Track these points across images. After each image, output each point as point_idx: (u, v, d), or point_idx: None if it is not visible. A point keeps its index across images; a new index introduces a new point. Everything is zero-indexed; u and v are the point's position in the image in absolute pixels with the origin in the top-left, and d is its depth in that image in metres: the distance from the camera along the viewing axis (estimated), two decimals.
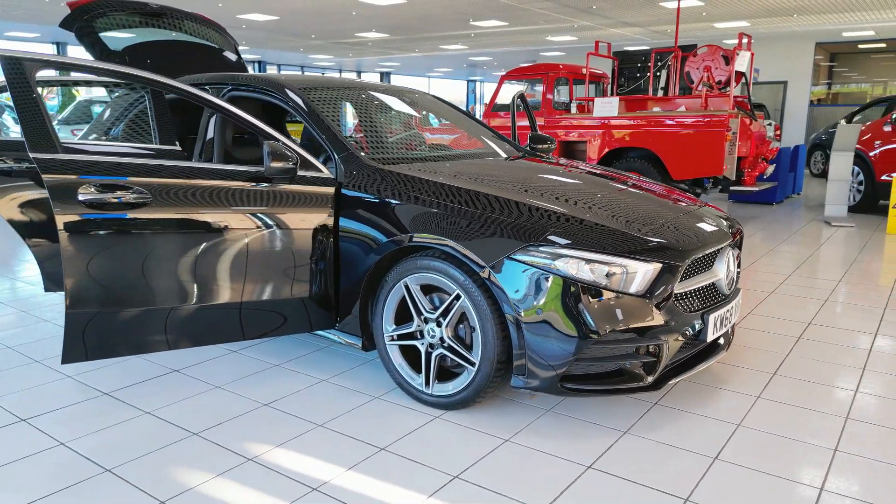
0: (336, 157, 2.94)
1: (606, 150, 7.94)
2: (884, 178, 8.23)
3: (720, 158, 7.31)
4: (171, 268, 2.56)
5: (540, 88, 8.93)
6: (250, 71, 4.12)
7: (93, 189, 2.39)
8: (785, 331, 3.70)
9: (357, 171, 2.87)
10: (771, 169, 8.36)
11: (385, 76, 31.53)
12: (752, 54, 8.22)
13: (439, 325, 2.60)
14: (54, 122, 3.86)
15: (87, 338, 2.44)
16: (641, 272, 2.38)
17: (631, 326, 2.35)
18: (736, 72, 7.94)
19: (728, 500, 2.03)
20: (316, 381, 2.97)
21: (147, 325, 2.54)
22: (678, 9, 8.80)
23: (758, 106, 12.56)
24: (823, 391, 2.87)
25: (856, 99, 21.50)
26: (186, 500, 2.03)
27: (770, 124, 9.86)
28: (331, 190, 2.84)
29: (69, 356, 2.43)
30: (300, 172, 2.78)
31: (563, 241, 2.36)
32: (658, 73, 9.20)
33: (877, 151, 8.34)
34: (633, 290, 2.36)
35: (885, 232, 7.12)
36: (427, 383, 2.67)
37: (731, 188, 7.77)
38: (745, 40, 8.10)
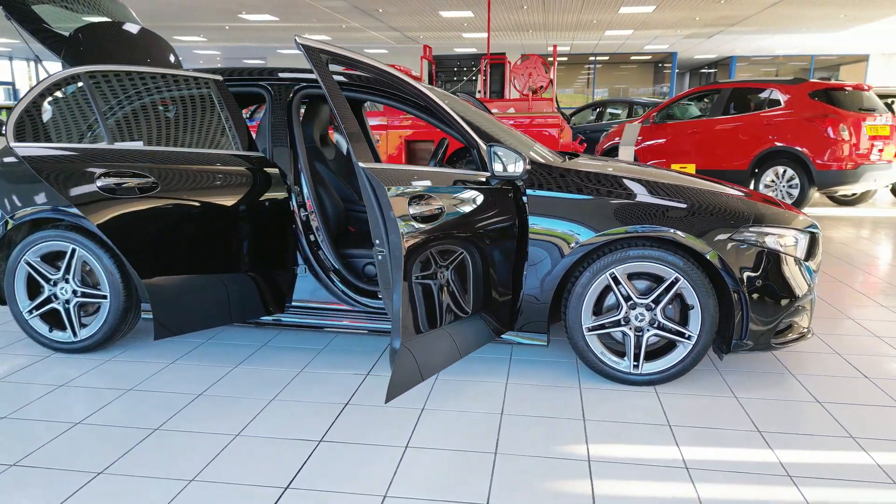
0: None
1: (453, 149, 8.46)
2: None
3: None
4: (451, 283, 2.35)
5: None
6: None
7: (414, 201, 2.08)
8: None
9: (531, 170, 2.90)
10: None
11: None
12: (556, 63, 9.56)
13: (649, 308, 2.84)
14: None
15: (408, 368, 2.10)
16: (803, 241, 2.96)
17: (806, 286, 2.92)
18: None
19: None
20: (500, 384, 2.91)
21: (440, 347, 2.27)
22: (489, 19, 9.74)
23: None
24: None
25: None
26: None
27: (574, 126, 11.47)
28: (512, 189, 2.83)
29: (394, 391, 2.06)
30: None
31: (764, 221, 2.83)
32: (475, 78, 10.05)
33: (640, 146, 10.44)
34: (800, 255, 2.94)
35: None
36: (636, 365, 2.88)
37: None
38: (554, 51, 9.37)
